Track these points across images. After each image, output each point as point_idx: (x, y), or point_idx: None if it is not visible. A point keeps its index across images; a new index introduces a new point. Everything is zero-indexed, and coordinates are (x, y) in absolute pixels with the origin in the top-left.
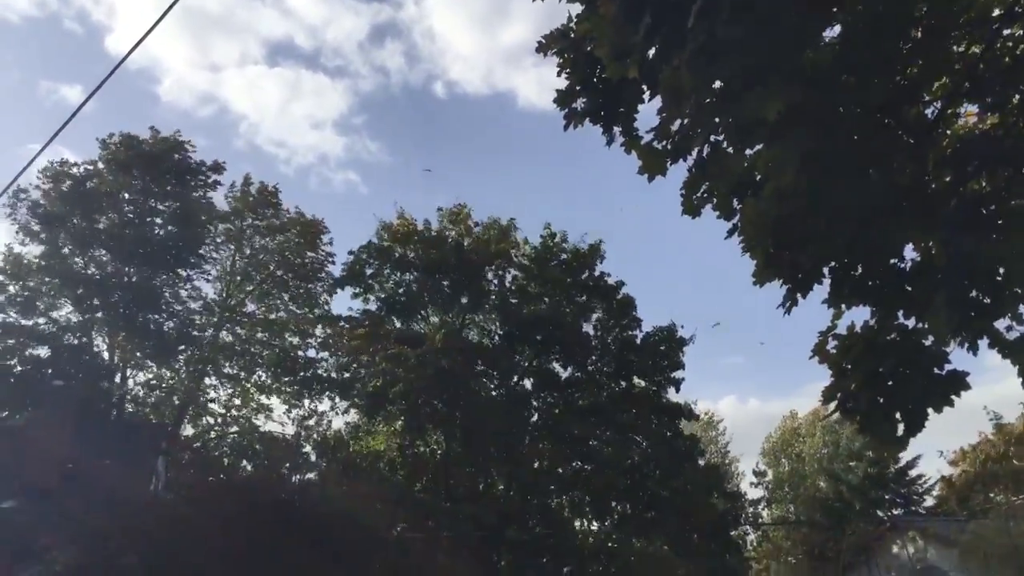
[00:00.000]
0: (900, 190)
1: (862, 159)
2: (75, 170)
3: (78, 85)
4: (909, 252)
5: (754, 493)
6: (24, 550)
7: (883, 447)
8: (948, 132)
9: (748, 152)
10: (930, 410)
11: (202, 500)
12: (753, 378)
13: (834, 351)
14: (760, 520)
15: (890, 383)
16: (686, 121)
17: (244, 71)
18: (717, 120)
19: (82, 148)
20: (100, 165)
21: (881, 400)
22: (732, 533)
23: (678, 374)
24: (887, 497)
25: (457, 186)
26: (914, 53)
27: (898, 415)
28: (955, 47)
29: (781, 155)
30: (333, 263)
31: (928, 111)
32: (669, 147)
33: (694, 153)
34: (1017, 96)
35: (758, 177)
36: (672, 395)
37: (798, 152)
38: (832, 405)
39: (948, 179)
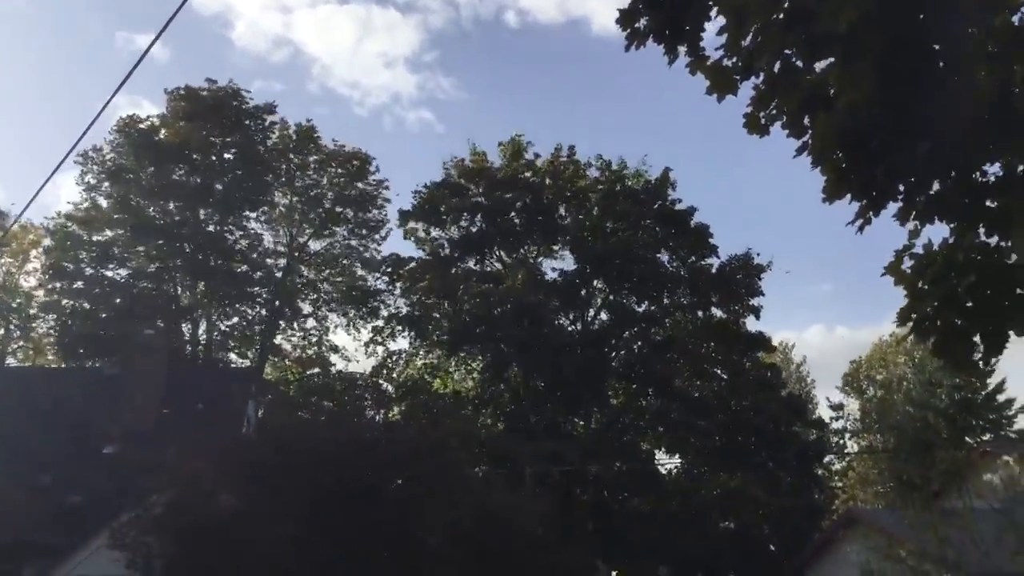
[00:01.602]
0: (985, 104)
1: (943, 70)
2: (143, 124)
3: (153, 34)
4: (994, 167)
5: (834, 425)
6: (125, 493)
7: (959, 370)
8: None
9: (820, 67)
10: (1011, 333)
11: (290, 440)
12: (842, 305)
13: (910, 270)
14: (845, 450)
15: (969, 303)
16: (758, 38)
17: (315, 11)
18: (787, 36)
19: (160, 97)
20: (168, 117)
21: (958, 322)
22: (817, 466)
23: (757, 302)
24: (976, 423)
25: (533, 119)
26: None
27: (976, 337)
28: None
29: (856, 67)
30: (388, 188)
31: (1015, 17)
32: (739, 64)
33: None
34: None
35: (832, 92)
36: (752, 324)
37: (874, 62)
38: (907, 328)
39: None
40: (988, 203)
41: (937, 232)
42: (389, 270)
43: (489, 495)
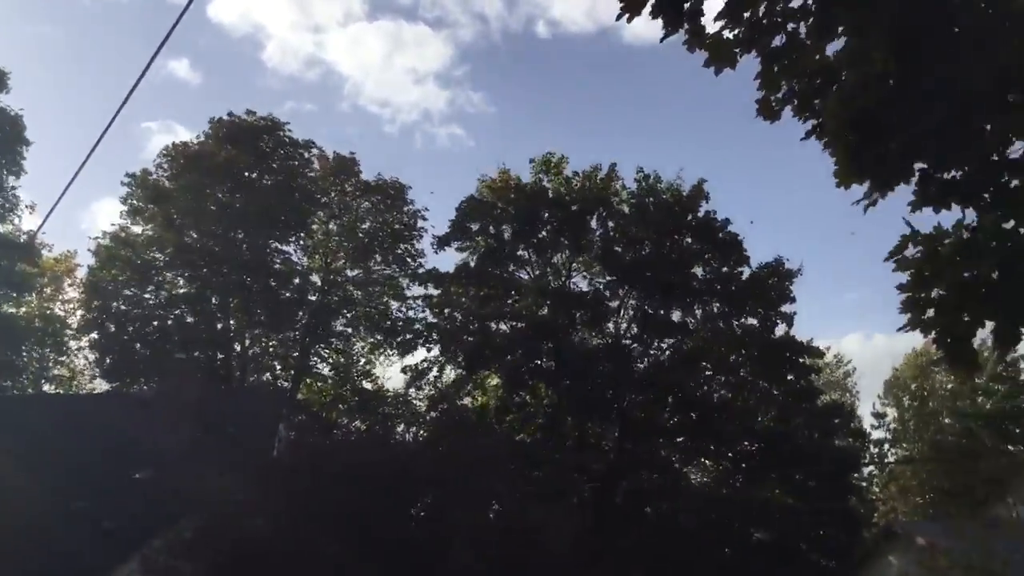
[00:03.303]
0: (1004, 80)
1: (963, 42)
2: (189, 149)
3: (184, 58)
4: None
5: (876, 434)
6: (157, 517)
7: (959, 365)
8: None
9: (831, 48)
10: None
11: (320, 462)
12: (879, 313)
13: (918, 255)
14: (885, 460)
15: (983, 290)
16: (761, 8)
17: (346, 29)
18: (782, 7)
19: (192, 121)
20: (209, 142)
21: (963, 313)
22: (855, 475)
23: (789, 308)
24: (1019, 431)
25: (564, 130)
26: None
27: (988, 329)
28: None
29: (868, 35)
30: (425, 219)
31: None
32: (740, 36)
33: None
34: None
35: (844, 75)
36: (784, 331)
37: (888, 31)
38: (907, 317)
39: None
40: (1008, 185)
41: (947, 220)
42: (427, 286)
43: (519, 512)
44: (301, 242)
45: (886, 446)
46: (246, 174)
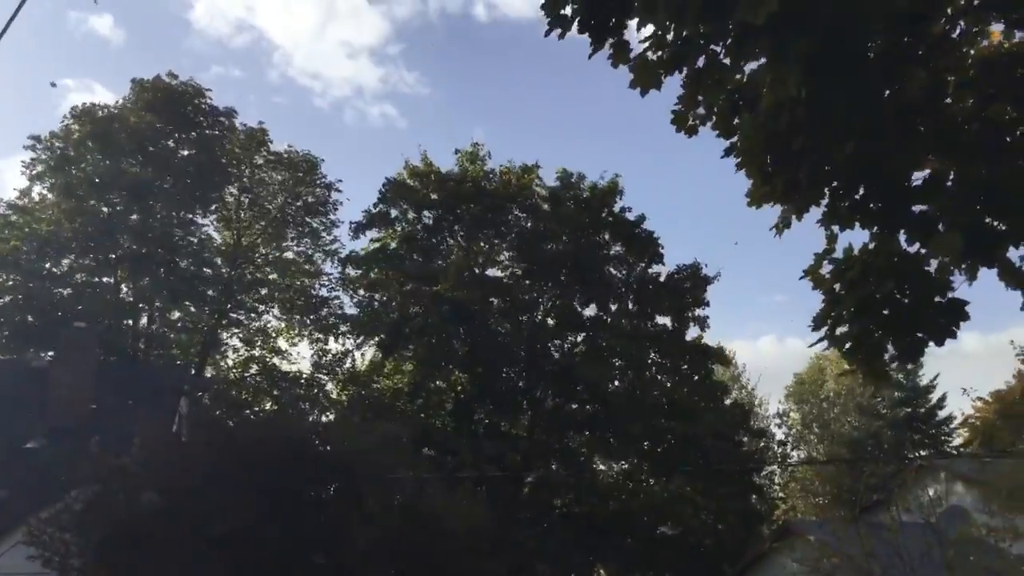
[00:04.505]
0: (914, 109)
1: (873, 72)
2: (100, 113)
3: (107, 15)
4: (919, 174)
5: (780, 434)
6: (47, 488)
7: (871, 378)
8: (972, 52)
9: (749, 66)
10: (933, 343)
11: (220, 439)
12: (794, 316)
13: (828, 275)
14: (787, 460)
15: (885, 310)
16: (671, 26)
17: None
18: (703, 29)
19: (112, 81)
20: (128, 106)
21: (873, 328)
22: (759, 474)
23: (703, 312)
24: (916, 437)
25: (497, 116)
26: None
27: (890, 346)
28: None
29: (781, 63)
30: (340, 191)
31: (949, 27)
32: (663, 58)
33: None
34: None
35: (764, 91)
36: (697, 334)
37: (798, 60)
38: (822, 332)
39: (970, 102)
40: (912, 209)
41: (859, 237)
42: (341, 270)
43: (422, 497)
44: (213, 216)
45: (788, 446)
46: (161, 143)
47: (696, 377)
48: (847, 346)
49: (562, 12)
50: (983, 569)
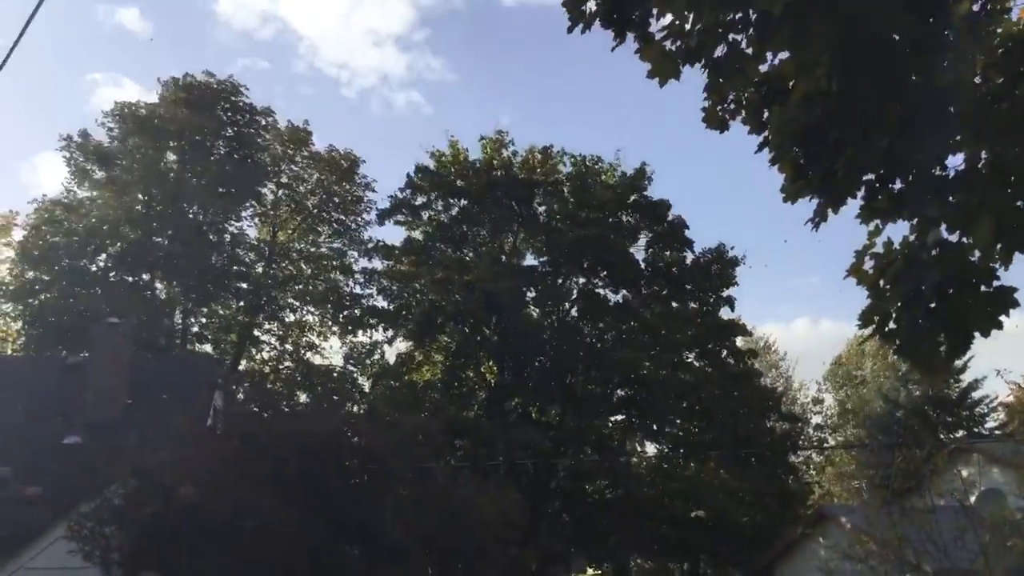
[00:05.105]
0: (945, 93)
1: (902, 59)
2: (141, 112)
3: (134, 7)
4: (953, 161)
5: (816, 419)
6: (86, 484)
7: (926, 371)
8: (999, 31)
9: (773, 56)
10: (977, 333)
11: (255, 432)
12: (828, 298)
13: (871, 270)
14: (824, 444)
15: (932, 303)
16: (690, 16)
17: None
18: (722, 18)
19: (141, 75)
20: (162, 105)
21: (921, 322)
22: (795, 454)
23: (731, 292)
24: (950, 419)
25: (524, 101)
26: None
27: (941, 337)
28: None
29: (806, 55)
30: (375, 191)
31: (975, 7)
32: (682, 47)
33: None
34: None
35: (791, 84)
36: (727, 314)
37: (825, 51)
38: (870, 329)
39: (1000, 81)
40: (950, 199)
41: (899, 231)
42: (373, 259)
43: (454, 488)
44: (251, 209)
45: (825, 431)
46: (198, 139)
47: (729, 358)
48: (898, 342)
49: (583, 8)
50: (1018, 553)
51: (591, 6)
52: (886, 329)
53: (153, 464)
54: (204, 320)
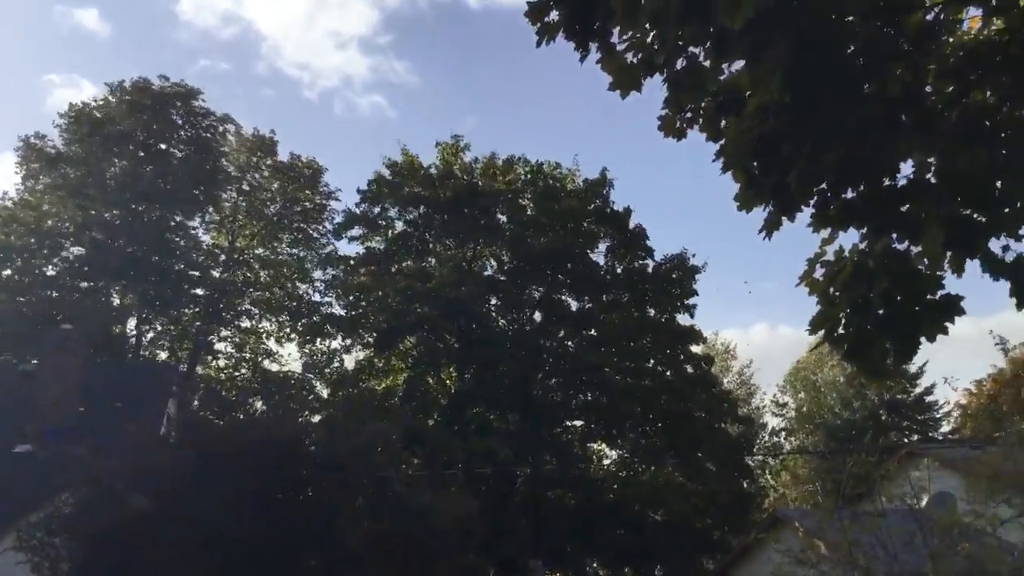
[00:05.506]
0: (896, 103)
1: (853, 70)
2: (94, 114)
3: (93, 8)
4: (906, 169)
5: (775, 423)
6: (36, 493)
7: (872, 377)
8: (950, 40)
9: (729, 67)
10: (924, 339)
11: (209, 440)
12: (785, 304)
13: (821, 278)
14: (780, 449)
15: (880, 310)
16: (653, 31)
17: None
18: (682, 32)
19: (100, 76)
20: (112, 105)
21: (869, 328)
22: (748, 460)
23: (692, 301)
24: (904, 424)
25: (488, 106)
26: None
27: (888, 344)
28: None
29: (761, 67)
30: (339, 199)
31: (928, 17)
32: (643, 61)
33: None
34: None
35: (747, 94)
36: (687, 321)
37: (780, 63)
38: (820, 335)
39: (950, 90)
40: (900, 208)
41: (852, 238)
42: (331, 271)
43: (413, 496)
44: (207, 217)
45: (783, 435)
46: (152, 143)
47: (687, 364)
48: (846, 348)
49: (547, 20)
50: (965, 556)
51: (554, 16)
52: (835, 335)
53: (105, 472)
54: (159, 327)
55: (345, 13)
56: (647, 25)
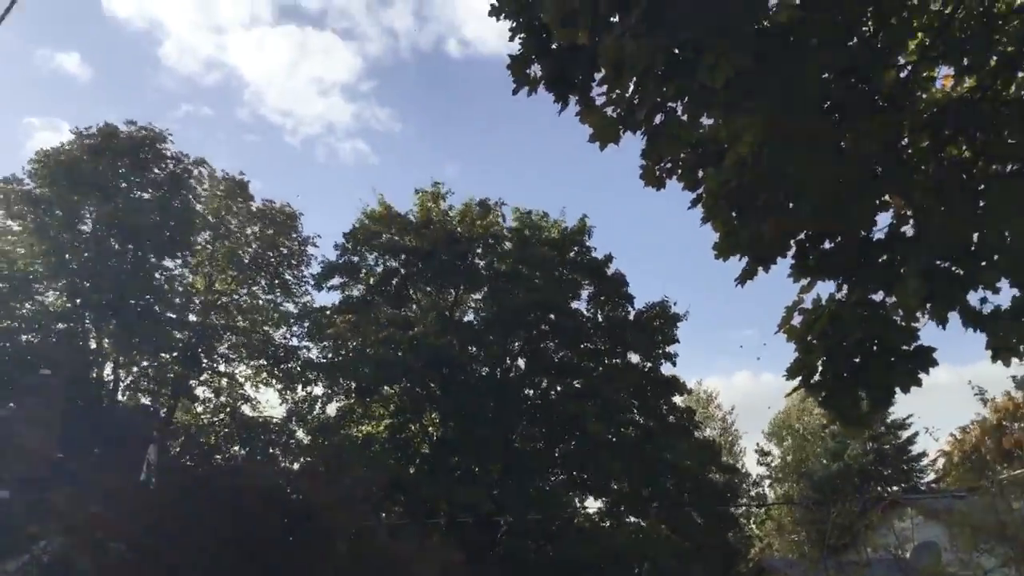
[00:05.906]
0: (872, 157)
1: (829, 126)
2: (64, 157)
3: (75, 52)
4: (882, 221)
5: (759, 471)
6: (13, 541)
7: (846, 424)
8: (924, 96)
9: (707, 121)
10: (898, 389)
11: (189, 487)
12: (766, 352)
13: (799, 325)
14: (764, 498)
15: (855, 359)
16: (638, 88)
17: (250, 32)
18: (665, 89)
19: (79, 120)
20: (76, 150)
21: (845, 376)
22: (732, 510)
23: (673, 349)
24: (887, 473)
25: (471, 152)
26: (884, 12)
27: (863, 393)
28: (930, 3)
29: (738, 123)
30: (316, 245)
31: (902, 75)
32: (623, 115)
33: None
34: (995, 58)
35: (726, 146)
36: (669, 370)
37: (757, 119)
38: (797, 381)
39: (925, 144)
40: (876, 259)
41: (830, 287)
42: (307, 324)
43: (394, 545)
44: (183, 259)
45: (767, 483)
46: (123, 186)
47: (670, 415)
48: (822, 395)
49: (528, 73)
50: None
51: (536, 70)
52: (812, 382)
53: (84, 520)
54: (136, 370)
55: (328, 60)
56: (631, 85)
